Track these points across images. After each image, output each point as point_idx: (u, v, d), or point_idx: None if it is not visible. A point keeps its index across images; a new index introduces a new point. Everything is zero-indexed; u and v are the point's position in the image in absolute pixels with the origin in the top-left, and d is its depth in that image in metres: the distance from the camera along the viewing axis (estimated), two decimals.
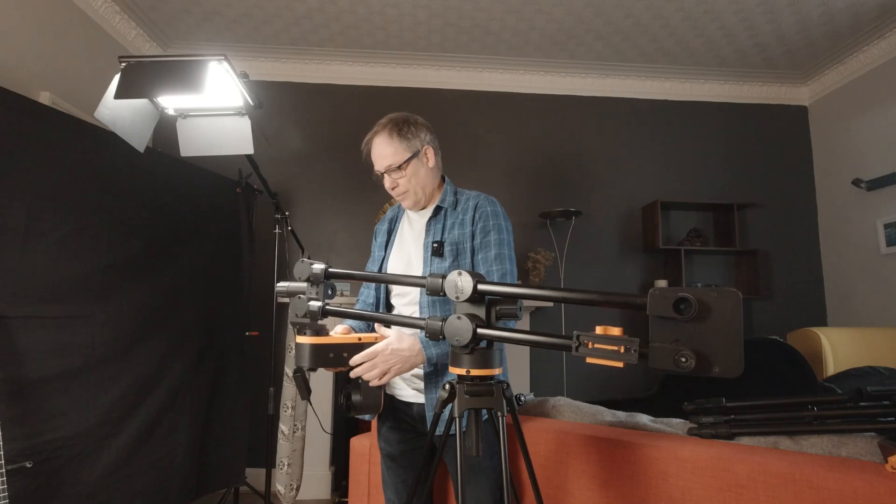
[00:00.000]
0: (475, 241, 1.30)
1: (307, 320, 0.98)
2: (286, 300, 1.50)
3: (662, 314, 0.61)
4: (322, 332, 1.02)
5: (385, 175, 1.33)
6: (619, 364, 0.64)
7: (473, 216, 1.31)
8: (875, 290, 3.25)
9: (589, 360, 0.66)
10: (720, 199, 3.57)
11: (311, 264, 0.98)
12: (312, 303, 0.96)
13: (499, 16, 3.02)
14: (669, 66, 3.59)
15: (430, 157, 1.36)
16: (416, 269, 1.33)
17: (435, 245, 1.29)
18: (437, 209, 1.35)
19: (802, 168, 3.78)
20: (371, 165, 1.36)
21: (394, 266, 1.39)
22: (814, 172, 3.77)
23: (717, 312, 0.60)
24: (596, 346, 0.65)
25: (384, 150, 1.31)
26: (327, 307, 0.97)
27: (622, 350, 0.64)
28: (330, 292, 1.02)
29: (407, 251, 1.38)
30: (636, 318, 3.49)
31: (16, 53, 2.29)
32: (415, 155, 1.31)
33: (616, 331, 0.65)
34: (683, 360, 0.59)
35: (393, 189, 1.34)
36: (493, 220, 1.29)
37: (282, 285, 1.03)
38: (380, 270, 1.41)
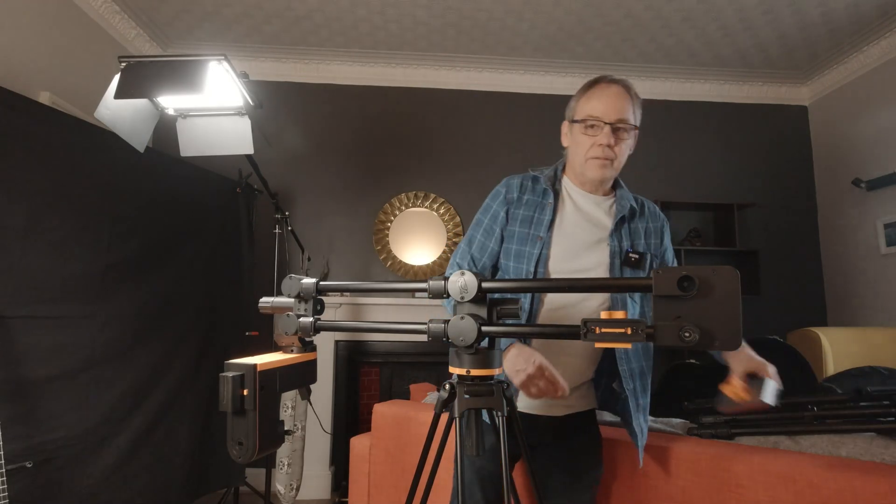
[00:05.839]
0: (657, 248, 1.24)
1: (295, 338, 0.91)
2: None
3: (667, 293, 0.63)
4: (310, 348, 0.97)
5: (610, 127, 1.12)
6: (628, 345, 0.66)
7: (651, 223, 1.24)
8: (875, 290, 3.25)
9: (598, 344, 0.68)
10: (720, 199, 3.56)
11: (300, 280, 0.92)
12: (303, 319, 0.90)
13: (499, 16, 3.02)
14: (669, 66, 3.58)
15: (632, 147, 1.20)
16: (602, 269, 1.14)
17: (635, 257, 1.15)
18: (631, 211, 1.21)
19: (802, 168, 3.77)
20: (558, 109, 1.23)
21: (559, 256, 1.15)
22: (814, 172, 3.76)
23: (716, 289, 0.63)
24: (603, 330, 0.67)
25: (624, 104, 1.14)
26: (319, 322, 0.92)
27: (629, 332, 0.65)
28: (319, 307, 0.95)
29: (577, 241, 1.17)
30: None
31: (16, 53, 2.29)
32: (636, 130, 1.17)
33: (620, 314, 0.67)
34: (687, 335, 0.61)
35: (606, 146, 1.13)
36: (666, 225, 1.27)
37: (266, 301, 0.97)
38: (536, 265, 1.13)
